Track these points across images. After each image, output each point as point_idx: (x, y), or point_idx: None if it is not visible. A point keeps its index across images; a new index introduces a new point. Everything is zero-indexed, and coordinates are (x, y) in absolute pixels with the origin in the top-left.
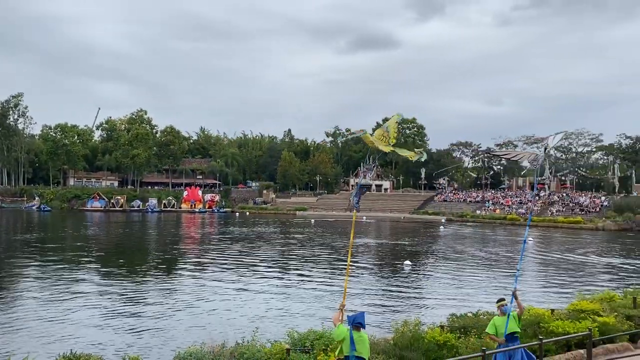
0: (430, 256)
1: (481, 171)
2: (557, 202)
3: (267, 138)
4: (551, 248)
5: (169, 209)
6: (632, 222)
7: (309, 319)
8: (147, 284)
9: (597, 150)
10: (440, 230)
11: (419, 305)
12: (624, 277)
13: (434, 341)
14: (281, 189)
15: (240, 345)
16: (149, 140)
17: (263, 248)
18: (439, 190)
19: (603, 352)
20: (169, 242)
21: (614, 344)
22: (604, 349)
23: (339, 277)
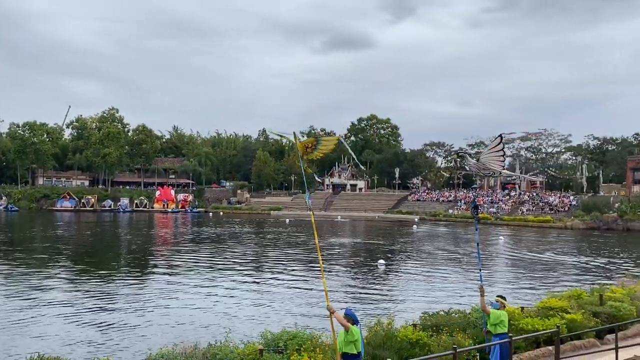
0: (403, 255)
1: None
2: (527, 202)
3: (242, 137)
4: (521, 247)
5: (141, 209)
6: (599, 221)
7: (283, 319)
8: (118, 285)
9: (565, 151)
10: (413, 229)
11: (392, 304)
12: (591, 275)
13: (407, 339)
14: (256, 189)
15: (213, 346)
16: (120, 139)
17: (236, 248)
18: (413, 190)
19: (571, 349)
20: (141, 243)
21: (581, 340)
22: (572, 346)
23: (312, 276)
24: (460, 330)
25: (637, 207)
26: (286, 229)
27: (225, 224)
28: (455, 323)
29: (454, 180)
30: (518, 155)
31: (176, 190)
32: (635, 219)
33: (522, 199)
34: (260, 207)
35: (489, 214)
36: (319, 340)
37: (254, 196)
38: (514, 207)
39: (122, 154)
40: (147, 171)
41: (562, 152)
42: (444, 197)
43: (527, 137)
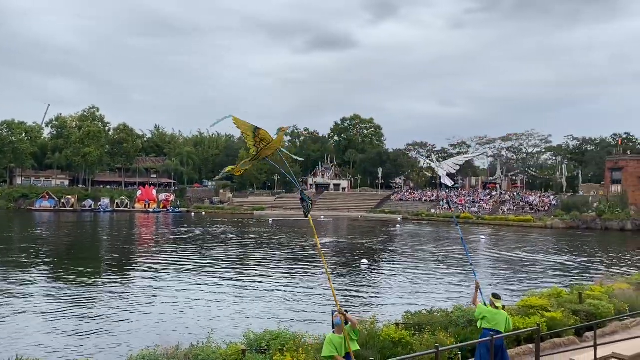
0: (386, 255)
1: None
2: (508, 201)
3: (224, 137)
4: (502, 246)
5: (122, 209)
6: (579, 221)
7: (266, 320)
8: (98, 286)
9: (546, 151)
10: (396, 229)
11: (375, 303)
12: (570, 274)
13: (389, 339)
14: (238, 189)
15: (195, 347)
16: (101, 138)
17: (218, 248)
18: (396, 190)
19: (551, 346)
20: (121, 243)
21: (560, 338)
22: (552, 343)
23: (295, 277)
24: (442, 329)
25: (615, 206)
26: (269, 229)
27: (207, 224)
28: (437, 322)
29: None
30: (499, 156)
31: (158, 190)
32: (613, 219)
33: (503, 198)
34: (243, 207)
35: (470, 214)
36: (301, 340)
37: (236, 196)
38: (495, 207)
39: (103, 153)
40: (128, 171)
41: (543, 152)
42: (426, 196)
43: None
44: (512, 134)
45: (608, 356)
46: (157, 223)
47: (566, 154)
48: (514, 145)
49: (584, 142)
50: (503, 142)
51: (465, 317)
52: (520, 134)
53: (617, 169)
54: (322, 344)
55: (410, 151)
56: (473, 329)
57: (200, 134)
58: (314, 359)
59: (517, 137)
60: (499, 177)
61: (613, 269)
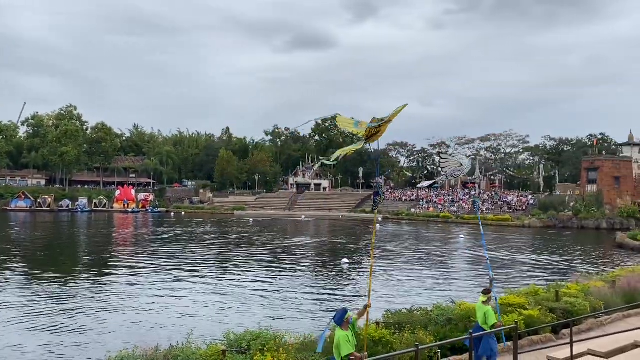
0: (367, 254)
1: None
2: (487, 201)
3: (204, 136)
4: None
5: (100, 209)
6: (556, 220)
7: (246, 320)
8: (75, 287)
9: (524, 151)
10: (377, 228)
11: (355, 303)
12: (547, 272)
13: (370, 338)
14: (219, 188)
15: (175, 348)
16: (78, 137)
17: (198, 249)
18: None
19: (528, 344)
20: (100, 243)
21: (538, 335)
22: (529, 341)
23: (276, 277)
24: (422, 328)
25: (590, 206)
26: (249, 229)
27: (187, 224)
28: (417, 321)
29: (416, 179)
30: (478, 156)
31: (137, 189)
32: (589, 218)
33: (482, 198)
34: (223, 206)
35: (450, 213)
36: (282, 340)
37: (217, 196)
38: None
39: (81, 153)
40: (106, 170)
41: (521, 152)
42: (406, 196)
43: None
44: (490, 134)
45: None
46: (136, 223)
47: (543, 154)
48: (493, 146)
49: (560, 143)
50: (482, 142)
51: (444, 316)
52: (499, 134)
53: (592, 169)
54: (302, 343)
55: (391, 151)
56: (452, 327)
57: (180, 133)
58: (294, 359)
59: (496, 137)
60: (478, 177)
61: (588, 267)
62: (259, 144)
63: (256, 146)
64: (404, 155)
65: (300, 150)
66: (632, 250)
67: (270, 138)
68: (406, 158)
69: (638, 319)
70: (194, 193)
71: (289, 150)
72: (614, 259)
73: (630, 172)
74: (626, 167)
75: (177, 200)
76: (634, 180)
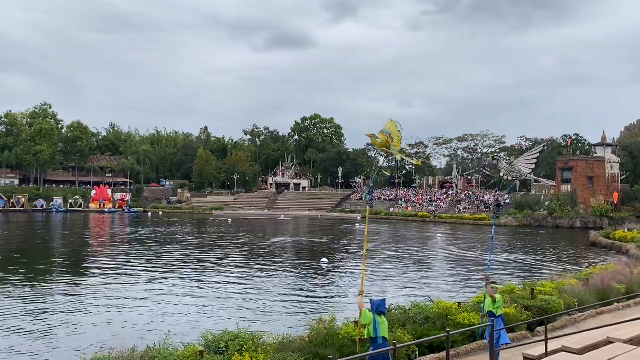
0: (346, 253)
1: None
2: (464, 200)
3: (182, 135)
4: (458, 244)
5: (75, 209)
6: (531, 219)
7: (224, 320)
8: (49, 288)
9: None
10: (356, 227)
11: (335, 302)
12: (523, 271)
13: (349, 336)
14: (197, 188)
15: (151, 349)
16: (53, 136)
17: (175, 249)
18: (355, 189)
19: None
20: (75, 244)
21: (514, 332)
22: None
23: (254, 277)
24: (400, 326)
25: (565, 205)
26: (228, 229)
27: (164, 225)
28: (395, 319)
29: (395, 179)
30: (455, 156)
31: (113, 189)
32: (564, 217)
33: (459, 197)
34: (201, 206)
35: (428, 212)
36: (260, 340)
37: (195, 195)
38: (451, 206)
39: (56, 152)
40: (82, 170)
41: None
42: (385, 196)
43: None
44: (467, 135)
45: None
46: (113, 223)
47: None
48: (470, 146)
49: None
50: (459, 143)
51: (422, 314)
52: (476, 135)
53: (567, 168)
54: (280, 343)
55: (370, 151)
56: (430, 326)
57: (157, 133)
58: (273, 359)
59: (473, 137)
60: (455, 177)
61: (563, 265)
62: (238, 143)
63: (235, 145)
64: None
65: (279, 149)
66: (605, 248)
67: (250, 137)
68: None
69: (611, 315)
70: (172, 193)
71: (268, 150)
72: (587, 257)
73: (603, 172)
74: (599, 167)
75: (154, 200)
76: (607, 180)
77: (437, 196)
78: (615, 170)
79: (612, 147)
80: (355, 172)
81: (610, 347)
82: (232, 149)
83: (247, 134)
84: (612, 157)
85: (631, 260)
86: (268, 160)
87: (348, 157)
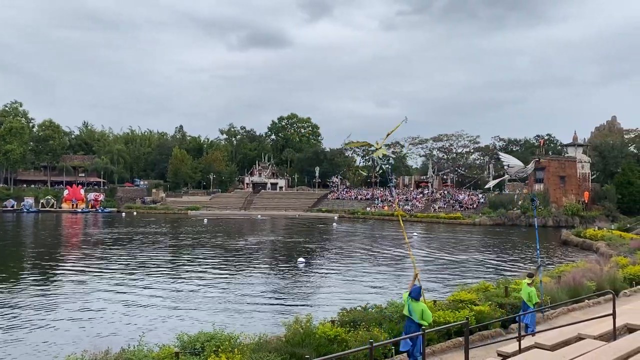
0: (323, 253)
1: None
2: (439, 199)
3: (157, 134)
4: (434, 243)
5: (47, 209)
6: (505, 218)
7: (200, 321)
8: (19, 290)
9: (474, 152)
10: (333, 227)
11: (312, 302)
12: (497, 269)
13: (325, 336)
14: (172, 188)
15: (126, 351)
16: (24, 134)
17: (150, 250)
18: (332, 189)
19: (479, 339)
20: (46, 245)
21: (488, 330)
22: (480, 336)
23: (229, 277)
24: (376, 325)
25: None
26: (203, 229)
27: (138, 225)
28: (372, 318)
29: (372, 178)
30: (431, 155)
31: (86, 189)
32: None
33: (435, 196)
34: (176, 206)
35: (403, 211)
36: (237, 340)
37: (170, 195)
38: (427, 205)
39: (27, 151)
40: (54, 169)
41: (471, 152)
42: (362, 195)
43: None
44: (443, 135)
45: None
46: (86, 223)
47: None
48: (445, 146)
49: (509, 143)
50: (434, 143)
51: (398, 313)
52: (451, 135)
53: (539, 168)
54: (257, 343)
55: (347, 150)
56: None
57: (131, 131)
58: (249, 359)
59: (448, 137)
60: (431, 176)
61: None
62: (214, 142)
63: (211, 145)
64: (359, 155)
65: (256, 149)
66: (576, 246)
67: (226, 137)
68: (361, 157)
69: (582, 312)
70: (147, 193)
71: (244, 149)
72: (559, 255)
73: (575, 171)
74: (571, 167)
75: (128, 200)
76: (578, 179)
77: (413, 195)
78: (586, 170)
79: (583, 147)
80: (332, 171)
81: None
82: (208, 148)
83: (223, 133)
84: (583, 157)
85: (601, 258)
86: (244, 160)
87: (325, 156)
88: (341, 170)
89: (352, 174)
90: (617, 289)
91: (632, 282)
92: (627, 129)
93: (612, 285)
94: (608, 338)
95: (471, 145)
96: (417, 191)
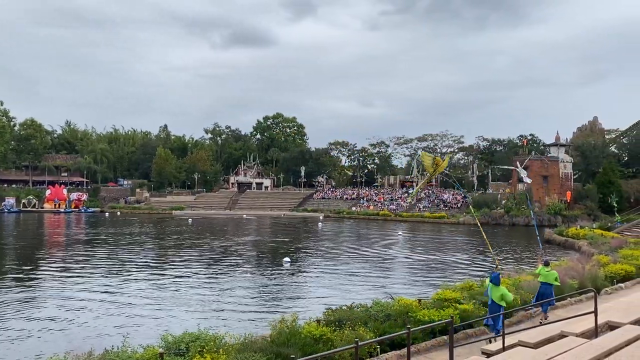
0: (308, 252)
1: (356, 170)
2: (424, 199)
3: (141, 133)
4: (419, 242)
5: (29, 209)
6: (489, 217)
7: (185, 321)
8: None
9: (458, 151)
10: (318, 227)
11: (297, 301)
12: (481, 268)
13: (311, 335)
14: (156, 188)
15: (109, 352)
16: (5, 133)
17: (134, 250)
18: (318, 188)
19: (463, 337)
20: (28, 245)
21: (472, 328)
22: (464, 334)
23: (214, 277)
24: (362, 324)
25: (521, 203)
26: (188, 229)
27: (122, 225)
28: (357, 317)
29: (357, 178)
30: (416, 155)
31: (69, 189)
32: (519, 215)
33: (420, 196)
34: (161, 206)
35: (389, 211)
36: (222, 340)
37: (154, 195)
38: (412, 204)
39: (7, 150)
40: (36, 169)
41: (456, 152)
42: (347, 195)
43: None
44: (427, 135)
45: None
46: (68, 224)
47: (477, 154)
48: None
49: (493, 143)
50: (419, 142)
51: (383, 312)
52: (435, 135)
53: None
54: (242, 343)
55: (332, 150)
56: (391, 323)
57: (115, 131)
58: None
59: (432, 137)
60: (416, 176)
61: (519, 262)
62: (198, 142)
63: (196, 144)
64: (344, 155)
65: (241, 148)
66: (559, 245)
67: (211, 136)
68: (347, 157)
69: (564, 310)
70: (130, 192)
71: (229, 149)
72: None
73: (557, 171)
74: (553, 167)
75: (112, 200)
76: (561, 179)
77: (398, 195)
78: (568, 170)
79: (565, 147)
80: (318, 171)
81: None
82: (193, 147)
83: (208, 132)
84: (565, 156)
85: (583, 257)
86: (230, 160)
87: (310, 156)
88: (327, 170)
89: (338, 174)
90: (599, 287)
91: (613, 280)
92: (608, 129)
93: (594, 284)
94: (590, 335)
95: (455, 145)
96: (402, 191)
